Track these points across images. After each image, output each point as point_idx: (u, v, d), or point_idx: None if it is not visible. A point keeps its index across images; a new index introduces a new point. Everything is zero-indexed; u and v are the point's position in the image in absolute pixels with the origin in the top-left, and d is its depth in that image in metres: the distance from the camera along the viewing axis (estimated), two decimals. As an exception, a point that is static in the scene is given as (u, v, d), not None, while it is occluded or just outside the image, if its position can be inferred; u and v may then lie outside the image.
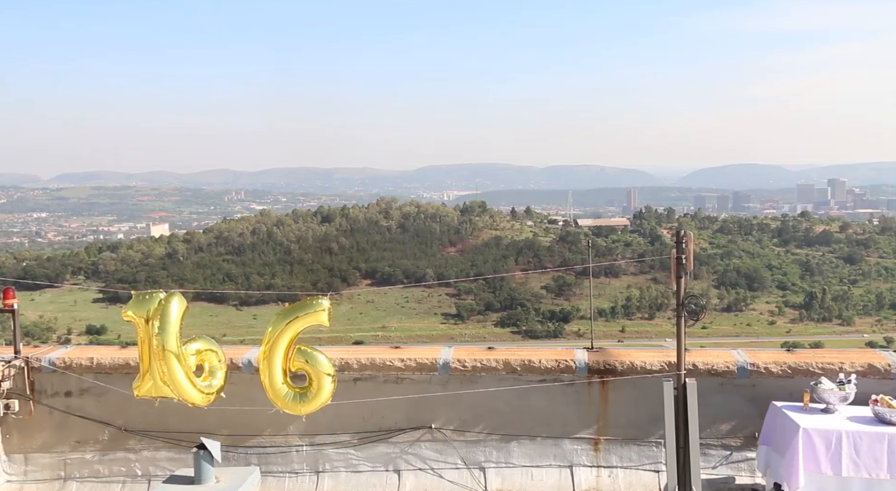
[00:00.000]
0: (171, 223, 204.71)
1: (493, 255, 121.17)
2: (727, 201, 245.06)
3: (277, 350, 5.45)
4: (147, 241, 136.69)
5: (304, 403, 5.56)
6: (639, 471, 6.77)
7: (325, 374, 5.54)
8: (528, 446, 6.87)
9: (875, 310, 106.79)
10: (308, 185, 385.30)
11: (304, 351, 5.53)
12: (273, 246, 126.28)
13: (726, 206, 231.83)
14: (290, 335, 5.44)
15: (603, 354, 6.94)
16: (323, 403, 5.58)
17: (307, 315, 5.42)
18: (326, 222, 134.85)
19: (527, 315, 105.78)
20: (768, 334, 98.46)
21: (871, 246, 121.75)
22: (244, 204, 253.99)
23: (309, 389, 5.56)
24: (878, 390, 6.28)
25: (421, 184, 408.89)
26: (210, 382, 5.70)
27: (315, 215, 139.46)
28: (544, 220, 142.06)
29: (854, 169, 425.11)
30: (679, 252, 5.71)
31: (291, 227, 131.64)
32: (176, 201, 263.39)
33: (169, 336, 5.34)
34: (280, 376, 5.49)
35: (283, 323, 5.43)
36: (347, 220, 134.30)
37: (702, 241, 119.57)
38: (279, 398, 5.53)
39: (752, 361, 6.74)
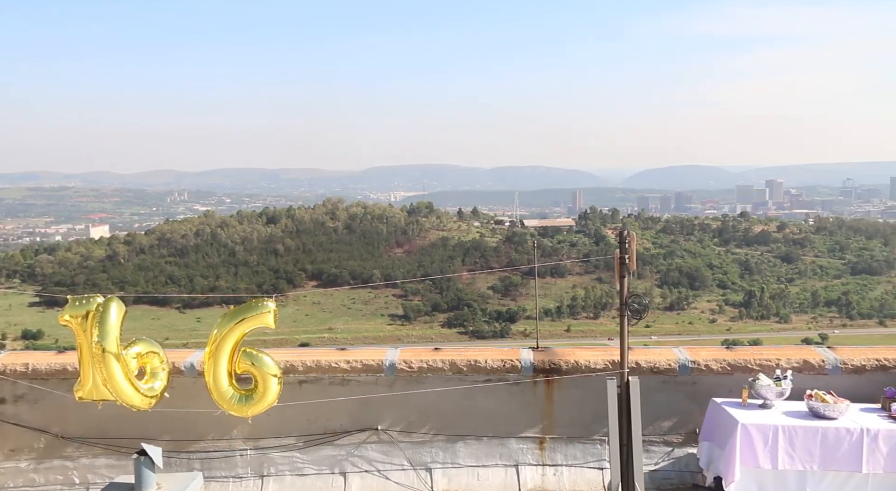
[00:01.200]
0: (111, 225, 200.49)
1: (440, 255, 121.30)
2: (670, 202, 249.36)
3: (223, 352, 5.39)
4: (86, 243, 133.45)
5: (249, 404, 5.50)
6: (583, 469, 6.84)
7: (270, 375, 5.49)
8: (474, 446, 6.89)
9: (811, 307, 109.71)
10: (253, 186, 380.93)
11: (250, 353, 5.49)
12: (217, 248, 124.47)
13: (669, 206, 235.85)
14: (236, 337, 5.38)
15: (548, 353, 6.99)
16: (269, 404, 5.53)
17: (253, 317, 5.37)
18: (272, 223, 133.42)
19: (473, 315, 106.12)
20: (709, 332, 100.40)
21: (807, 245, 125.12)
22: (188, 205, 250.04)
23: (254, 391, 5.51)
24: (812, 386, 6.45)
25: (368, 184, 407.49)
26: (152, 384, 5.59)
27: (260, 216, 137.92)
28: (491, 220, 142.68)
29: (791, 170, 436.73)
30: (622, 252, 5.78)
31: (236, 228, 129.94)
32: (116, 202, 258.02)
33: (108, 337, 5.23)
34: (225, 378, 5.43)
35: (228, 325, 5.37)
36: (293, 222, 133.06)
37: (645, 241, 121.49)
38: (224, 400, 5.47)
39: (693, 358, 6.86)
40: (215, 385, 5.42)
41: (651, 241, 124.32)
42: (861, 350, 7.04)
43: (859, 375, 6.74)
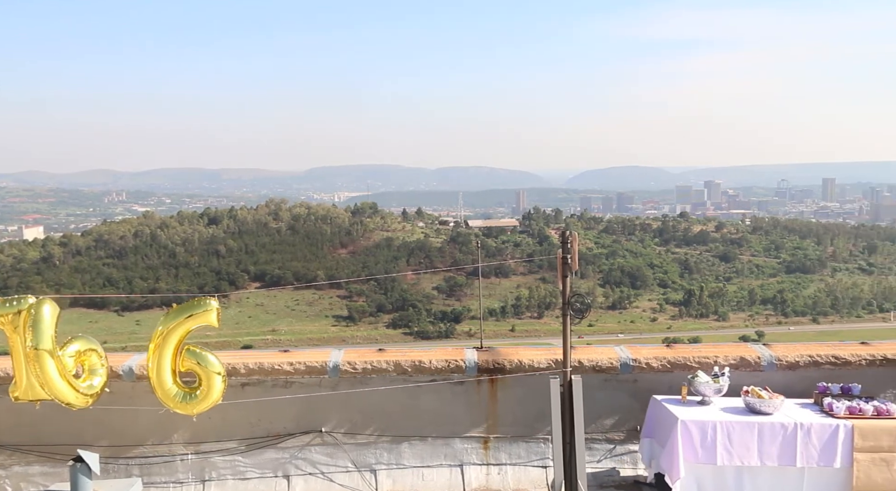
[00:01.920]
0: (45, 226, 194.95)
1: (385, 256, 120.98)
2: (612, 202, 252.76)
3: (166, 350, 5.32)
4: (19, 245, 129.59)
5: (193, 402, 5.43)
6: (527, 467, 6.89)
7: (214, 373, 5.43)
8: (418, 447, 6.89)
9: (747, 305, 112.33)
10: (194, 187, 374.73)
11: (193, 351, 5.43)
12: (157, 249, 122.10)
13: (611, 207, 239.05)
14: (179, 335, 5.33)
15: (492, 353, 7.03)
16: (213, 402, 5.47)
17: (196, 315, 5.31)
18: (213, 224, 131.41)
19: (418, 316, 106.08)
20: (650, 331, 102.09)
21: (744, 245, 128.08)
22: (126, 206, 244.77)
23: (199, 389, 5.45)
24: (749, 382, 6.60)
25: (311, 185, 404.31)
26: (90, 382, 5.45)
27: (202, 217, 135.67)
28: (435, 221, 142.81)
29: (728, 171, 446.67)
30: (565, 252, 5.83)
31: (177, 229, 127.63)
32: (51, 203, 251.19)
33: (41, 335, 5.09)
34: (169, 376, 5.36)
35: (171, 323, 5.30)
36: (235, 222, 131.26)
37: (588, 241, 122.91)
38: (169, 398, 5.39)
39: (635, 356, 6.96)
40: (159, 383, 5.35)
41: (593, 241, 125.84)
42: (795, 347, 7.23)
43: (793, 372, 6.92)
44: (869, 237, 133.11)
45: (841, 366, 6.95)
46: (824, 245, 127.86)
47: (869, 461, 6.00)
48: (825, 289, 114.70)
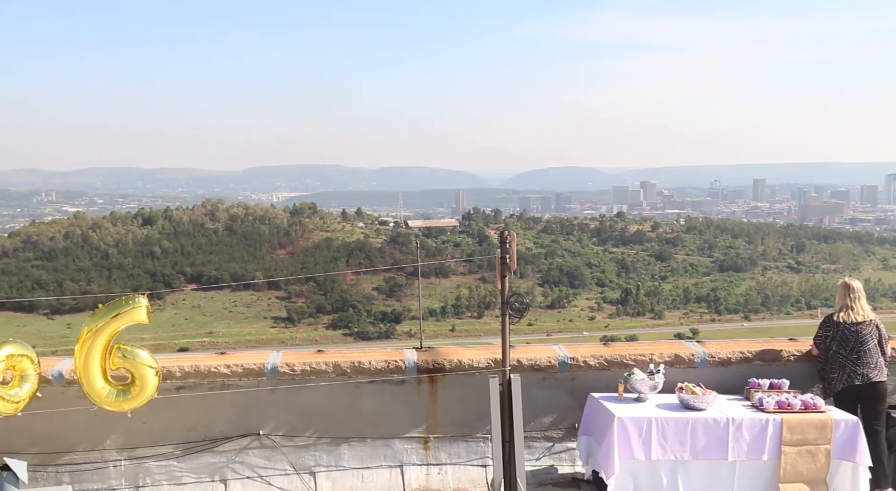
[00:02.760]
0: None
1: (324, 256, 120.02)
2: (550, 203, 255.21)
3: (95, 349, 5.24)
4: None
5: (127, 399, 5.35)
6: (467, 466, 6.92)
7: (146, 367, 5.37)
8: (358, 448, 6.86)
9: (682, 303, 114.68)
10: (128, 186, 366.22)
11: (124, 348, 5.36)
12: (89, 250, 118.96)
13: (549, 207, 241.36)
14: (108, 333, 5.25)
15: (431, 353, 7.04)
16: (148, 397, 5.39)
17: (125, 313, 5.24)
18: (148, 225, 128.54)
19: (358, 317, 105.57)
20: (589, 329, 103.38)
21: (679, 244, 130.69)
22: (56, 206, 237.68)
23: (132, 386, 5.36)
24: (683, 378, 6.75)
25: (249, 185, 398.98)
26: (19, 388, 5.29)
27: (135, 218, 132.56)
28: (375, 221, 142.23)
29: (663, 172, 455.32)
30: (503, 252, 5.87)
31: (109, 230, 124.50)
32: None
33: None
34: (99, 374, 5.28)
35: (99, 321, 5.22)
36: (171, 223, 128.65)
37: (527, 241, 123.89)
38: (101, 397, 5.30)
39: (572, 355, 7.05)
40: (88, 382, 5.27)
41: (532, 241, 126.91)
42: (727, 344, 7.42)
43: (725, 368, 7.10)
44: (797, 236, 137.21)
45: (770, 362, 7.15)
46: (755, 244, 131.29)
47: (796, 453, 6.19)
48: (756, 287, 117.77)
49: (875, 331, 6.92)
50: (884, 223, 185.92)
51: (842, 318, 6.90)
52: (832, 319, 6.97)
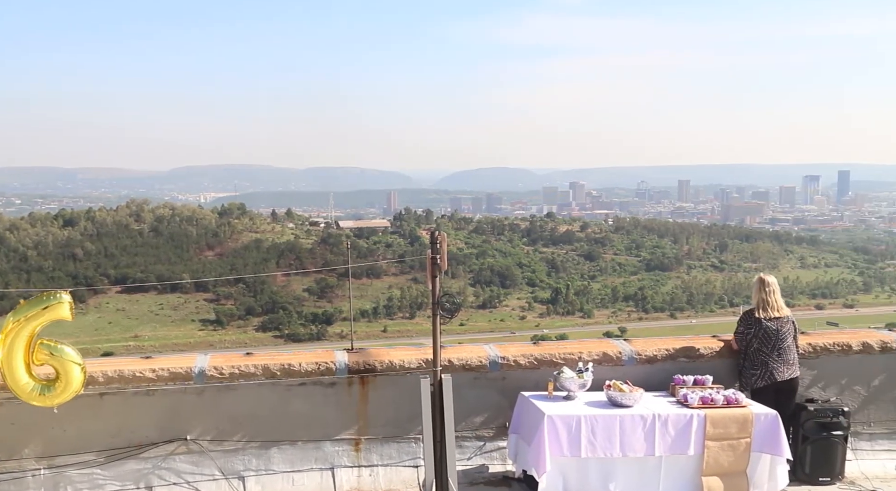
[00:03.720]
0: None
1: (254, 258, 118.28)
2: (481, 203, 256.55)
3: (18, 343, 5.20)
4: None
5: (52, 394, 5.28)
6: (399, 467, 6.92)
7: (71, 362, 5.30)
8: (288, 451, 6.79)
9: (611, 302, 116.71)
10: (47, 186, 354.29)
11: (48, 344, 5.30)
12: (6, 252, 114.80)
13: (480, 207, 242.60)
14: (30, 329, 5.17)
15: (363, 354, 7.02)
16: (74, 392, 5.32)
17: (47, 309, 5.16)
18: (69, 226, 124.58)
19: (289, 318, 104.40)
20: (520, 329, 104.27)
21: (607, 244, 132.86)
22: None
23: (57, 382, 5.27)
24: (611, 376, 6.87)
25: (175, 185, 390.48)
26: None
27: (56, 219, 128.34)
28: (306, 222, 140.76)
29: (592, 173, 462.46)
30: (434, 252, 5.89)
31: (28, 231, 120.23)
32: None
33: None
34: (23, 370, 5.22)
35: (21, 317, 5.14)
36: (94, 224, 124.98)
37: (458, 241, 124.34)
38: (25, 393, 5.23)
39: (503, 354, 7.11)
40: (12, 378, 5.24)
41: (464, 242, 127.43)
42: (653, 341, 7.59)
43: (652, 365, 7.25)
44: (720, 236, 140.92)
45: (694, 358, 7.34)
46: (680, 244, 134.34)
47: (718, 447, 6.38)
48: (681, 285, 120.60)
49: (791, 327, 7.19)
50: (801, 223, 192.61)
51: (761, 314, 7.14)
52: (752, 315, 7.19)
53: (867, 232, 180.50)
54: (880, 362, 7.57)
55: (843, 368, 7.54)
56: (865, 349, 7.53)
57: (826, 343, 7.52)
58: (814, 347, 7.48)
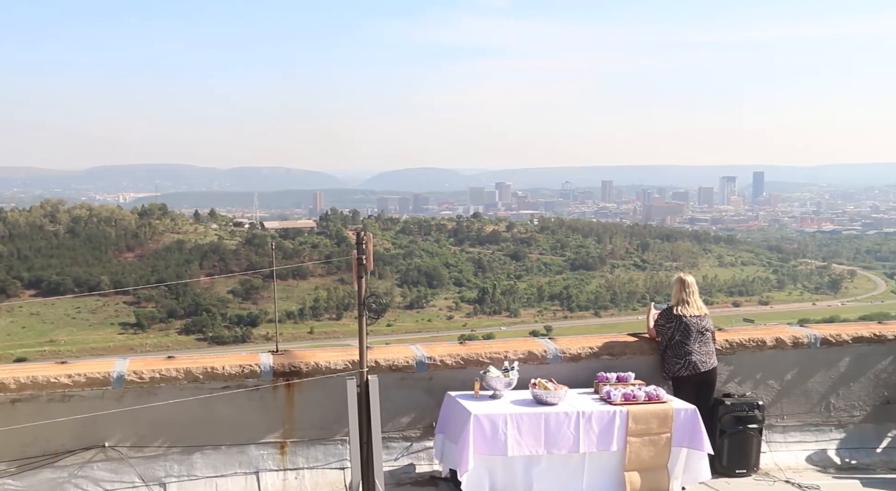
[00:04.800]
0: None
1: (176, 259, 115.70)
2: (408, 203, 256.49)
3: None
4: None
5: None
6: (325, 470, 6.86)
7: None
8: (212, 456, 6.67)
9: (537, 302, 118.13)
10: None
11: None
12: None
13: (407, 207, 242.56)
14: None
15: (288, 356, 6.94)
16: None
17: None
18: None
19: (213, 321, 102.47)
20: (447, 329, 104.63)
21: (533, 244, 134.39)
22: None
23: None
24: (536, 375, 6.95)
25: (93, 185, 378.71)
26: None
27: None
28: (230, 222, 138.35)
29: (517, 173, 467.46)
30: (359, 253, 5.86)
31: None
32: None
33: None
34: None
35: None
36: (6, 225, 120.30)
37: (385, 241, 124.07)
38: None
39: (430, 354, 7.13)
40: None
41: (391, 242, 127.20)
42: (577, 339, 7.71)
43: (576, 363, 7.37)
44: (642, 235, 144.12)
45: (617, 356, 7.49)
46: (604, 243, 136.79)
47: (640, 443, 6.52)
48: (605, 284, 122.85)
49: (709, 322, 7.43)
50: (719, 223, 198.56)
51: (681, 311, 7.35)
52: (672, 312, 7.40)
53: (780, 231, 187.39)
54: (793, 357, 7.85)
55: (758, 364, 7.80)
56: (779, 345, 7.80)
57: (742, 339, 7.77)
58: (730, 343, 7.71)
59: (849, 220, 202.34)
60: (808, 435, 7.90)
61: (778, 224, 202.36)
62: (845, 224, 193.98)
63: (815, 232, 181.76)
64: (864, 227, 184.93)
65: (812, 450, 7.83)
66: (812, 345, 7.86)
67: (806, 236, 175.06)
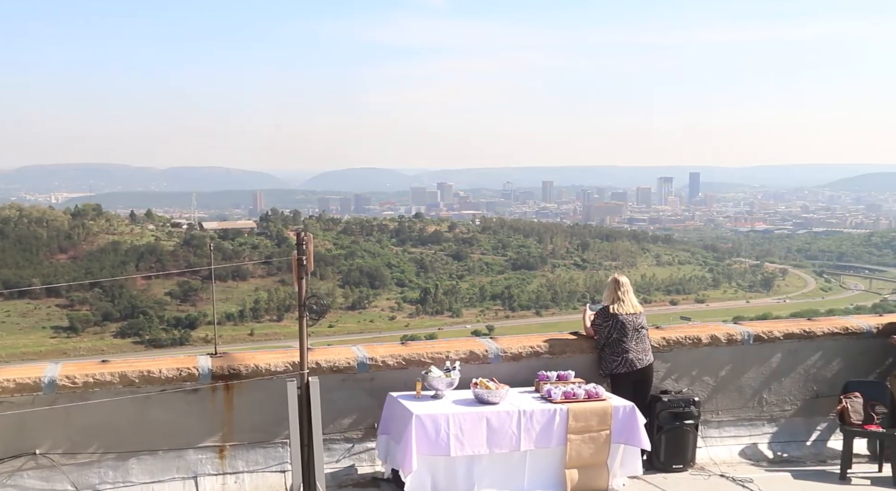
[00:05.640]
0: None
1: (111, 261, 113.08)
2: (350, 204, 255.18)
3: None
4: None
5: None
6: (265, 473, 6.79)
7: None
8: (148, 462, 6.53)
9: (479, 301, 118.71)
10: None
11: None
12: None
13: (349, 208, 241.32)
14: None
15: (227, 358, 6.85)
16: None
17: None
18: None
19: (150, 323, 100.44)
20: (389, 329, 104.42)
21: (475, 244, 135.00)
22: None
23: None
24: (478, 374, 6.99)
25: (22, 185, 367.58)
26: None
27: None
28: (167, 223, 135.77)
29: (459, 173, 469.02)
30: (300, 253, 5.81)
31: None
32: None
33: None
34: None
35: None
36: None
37: (327, 242, 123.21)
38: None
39: (371, 355, 7.11)
40: None
41: (332, 243, 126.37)
42: (518, 339, 7.77)
43: (517, 362, 7.42)
44: (582, 235, 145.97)
45: (557, 355, 7.56)
46: (545, 243, 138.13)
47: (580, 440, 6.60)
48: (546, 284, 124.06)
49: (644, 320, 7.57)
50: (656, 222, 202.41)
51: (617, 310, 7.47)
52: (608, 310, 7.52)
53: (716, 231, 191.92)
54: (727, 354, 8.05)
55: (694, 360, 7.97)
56: (714, 342, 7.98)
57: (679, 337, 7.92)
58: (668, 340, 7.86)
59: (780, 219, 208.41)
60: (742, 430, 8.11)
61: (713, 224, 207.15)
62: (777, 224, 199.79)
63: (749, 231, 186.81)
64: (795, 227, 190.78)
65: (745, 444, 8.04)
66: (745, 342, 8.06)
67: (740, 236, 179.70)
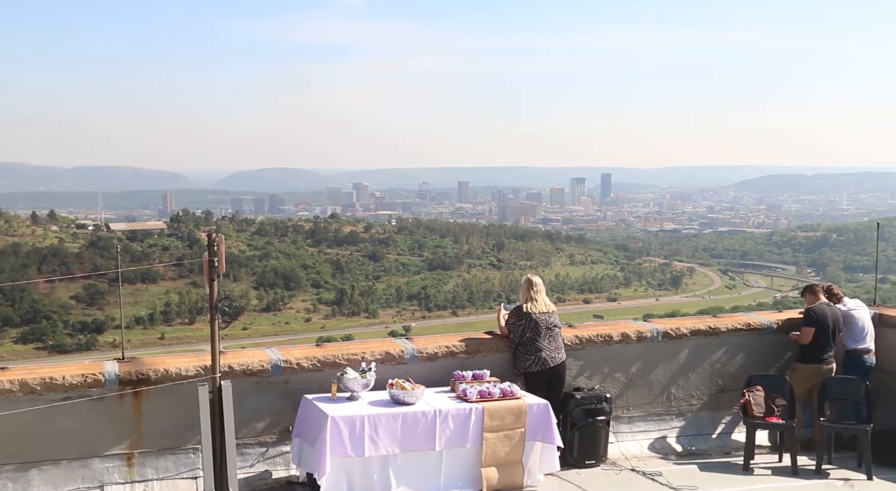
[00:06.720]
0: None
1: (12, 264, 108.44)
2: (264, 204, 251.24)
3: None
4: None
5: None
6: (176, 480, 6.64)
7: None
8: (51, 472, 6.30)
9: (395, 302, 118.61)
10: None
11: None
12: None
13: (263, 208, 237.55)
14: None
15: (135, 363, 6.66)
16: None
17: None
18: None
19: (53, 328, 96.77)
20: (305, 331, 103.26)
21: (391, 244, 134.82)
22: None
23: None
24: (393, 375, 6.99)
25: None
26: None
27: None
28: (72, 224, 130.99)
29: (375, 174, 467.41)
30: (211, 255, 5.71)
31: None
32: None
33: None
34: None
35: None
36: None
37: (240, 243, 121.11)
38: None
39: (286, 357, 7.02)
40: None
41: (246, 244, 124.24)
42: (434, 339, 7.81)
43: (433, 362, 7.46)
44: (497, 235, 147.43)
45: (473, 354, 7.63)
46: (461, 243, 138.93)
47: (495, 439, 6.68)
48: (462, 284, 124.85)
49: (557, 319, 7.71)
50: (570, 222, 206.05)
51: (530, 309, 7.59)
52: (521, 309, 7.63)
53: (627, 230, 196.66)
54: (637, 351, 8.27)
55: (606, 358, 8.16)
56: (624, 339, 8.19)
57: (591, 335, 8.10)
58: (580, 338, 8.02)
59: (688, 219, 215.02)
60: (651, 424, 8.34)
61: (624, 224, 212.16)
62: (684, 224, 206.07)
63: (658, 231, 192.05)
64: (701, 227, 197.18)
65: (655, 438, 8.28)
66: (654, 339, 8.30)
67: (650, 235, 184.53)
